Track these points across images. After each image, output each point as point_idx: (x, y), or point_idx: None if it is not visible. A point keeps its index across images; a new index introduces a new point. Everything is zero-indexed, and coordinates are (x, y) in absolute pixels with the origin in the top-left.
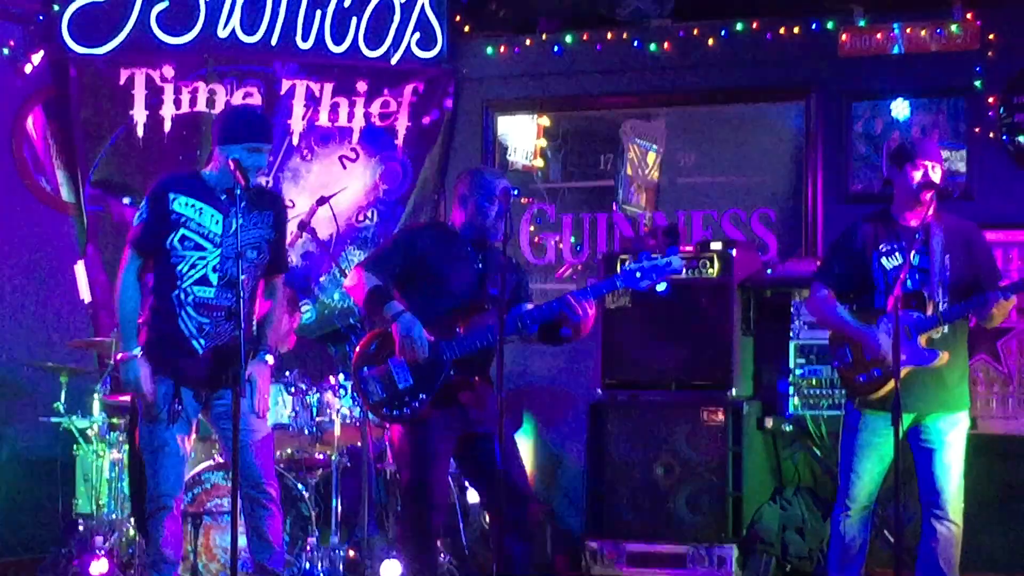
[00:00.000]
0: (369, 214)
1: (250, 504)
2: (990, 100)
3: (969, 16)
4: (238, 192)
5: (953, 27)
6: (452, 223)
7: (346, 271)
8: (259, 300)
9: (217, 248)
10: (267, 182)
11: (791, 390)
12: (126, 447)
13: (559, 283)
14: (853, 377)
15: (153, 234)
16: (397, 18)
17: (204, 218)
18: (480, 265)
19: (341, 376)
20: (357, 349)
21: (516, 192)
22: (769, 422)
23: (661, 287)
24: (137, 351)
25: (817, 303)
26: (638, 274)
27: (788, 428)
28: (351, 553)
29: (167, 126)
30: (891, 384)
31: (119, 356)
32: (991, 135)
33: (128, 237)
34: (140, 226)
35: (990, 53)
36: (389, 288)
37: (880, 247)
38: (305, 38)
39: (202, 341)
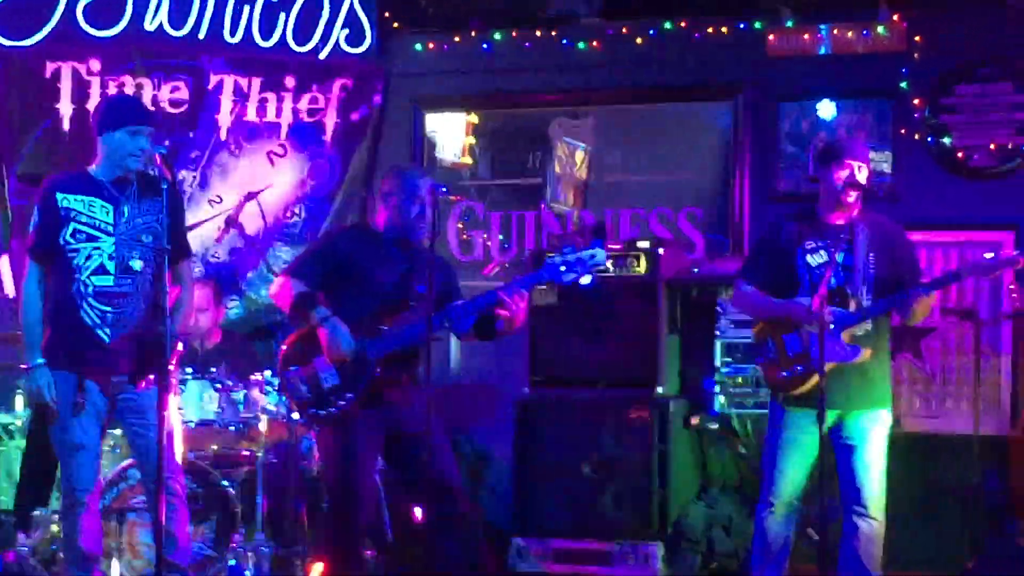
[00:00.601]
0: (297, 210)
1: (155, 500)
2: (916, 102)
3: (895, 18)
4: (132, 176)
5: (880, 29)
6: (375, 222)
7: (274, 267)
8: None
9: (111, 237)
10: (194, 177)
11: (717, 388)
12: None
13: (487, 280)
14: (776, 373)
15: (46, 235)
16: (326, 13)
17: (94, 210)
18: (405, 263)
19: (268, 372)
20: (283, 348)
21: (445, 190)
22: (695, 420)
23: (586, 280)
24: (40, 361)
25: (742, 295)
26: (563, 267)
27: (714, 426)
28: (278, 551)
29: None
30: (814, 380)
31: (22, 366)
32: (916, 137)
33: (26, 246)
34: (33, 232)
35: (916, 55)
36: (315, 292)
37: (805, 245)
38: (233, 32)
39: (108, 330)
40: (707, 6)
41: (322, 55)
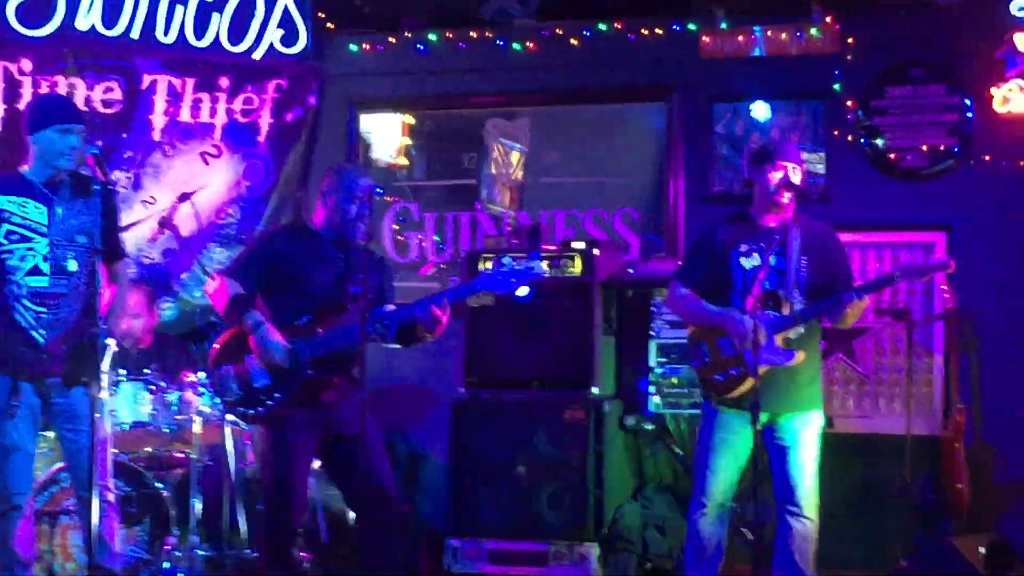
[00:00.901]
0: (231, 211)
1: (85, 505)
2: (849, 103)
3: (829, 20)
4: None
5: (813, 31)
6: (313, 221)
7: (208, 269)
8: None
9: (45, 238)
10: (128, 178)
11: (652, 389)
12: None
13: (422, 281)
14: (711, 376)
15: None
16: (260, 14)
17: (28, 211)
18: (342, 263)
19: (202, 374)
20: (216, 346)
21: (380, 190)
22: (630, 421)
23: (523, 292)
24: None
25: (677, 298)
26: (499, 278)
27: (649, 427)
28: (212, 553)
29: None
30: (748, 383)
31: None
32: (849, 138)
33: None
34: None
35: (849, 57)
36: (251, 295)
37: (739, 247)
38: (166, 32)
39: (43, 332)
40: (641, 8)
41: (256, 55)
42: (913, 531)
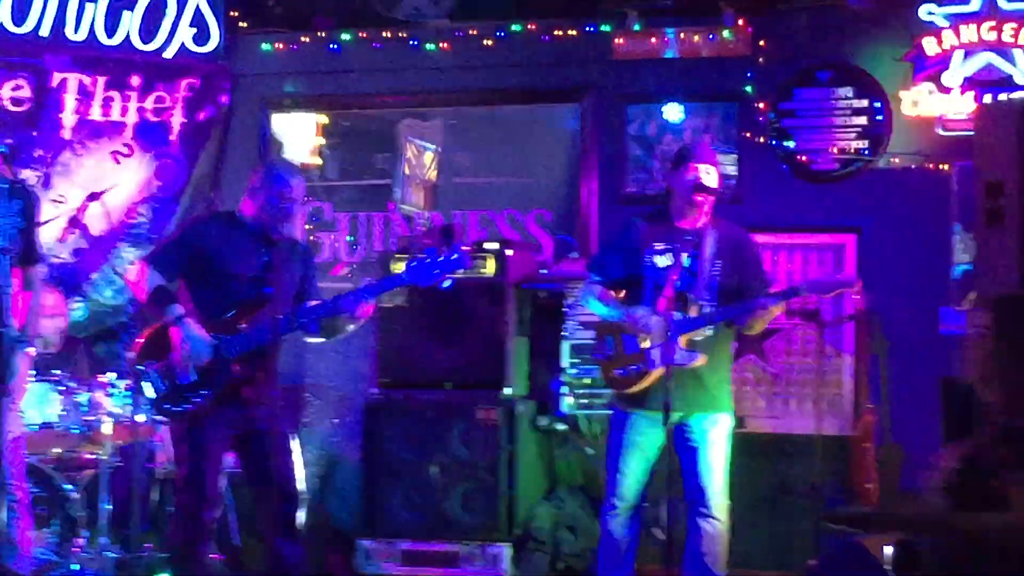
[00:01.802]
0: (142, 211)
1: None
2: (760, 105)
3: (741, 23)
4: None
5: (725, 33)
6: (241, 213)
7: (118, 268)
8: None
9: None
10: (38, 177)
11: (564, 389)
12: None
13: (335, 281)
14: (612, 371)
15: None
16: (172, 12)
17: None
18: (266, 258)
19: (112, 375)
20: (139, 342)
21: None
22: (543, 421)
23: (446, 283)
24: None
25: (588, 289)
26: (423, 270)
27: (561, 427)
28: (122, 555)
29: None
30: (647, 381)
31: None
32: (761, 140)
33: None
34: None
35: (761, 59)
36: (172, 287)
37: (654, 246)
38: (77, 30)
39: None
40: (555, 9)
41: (168, 54)
42: (822, 531)
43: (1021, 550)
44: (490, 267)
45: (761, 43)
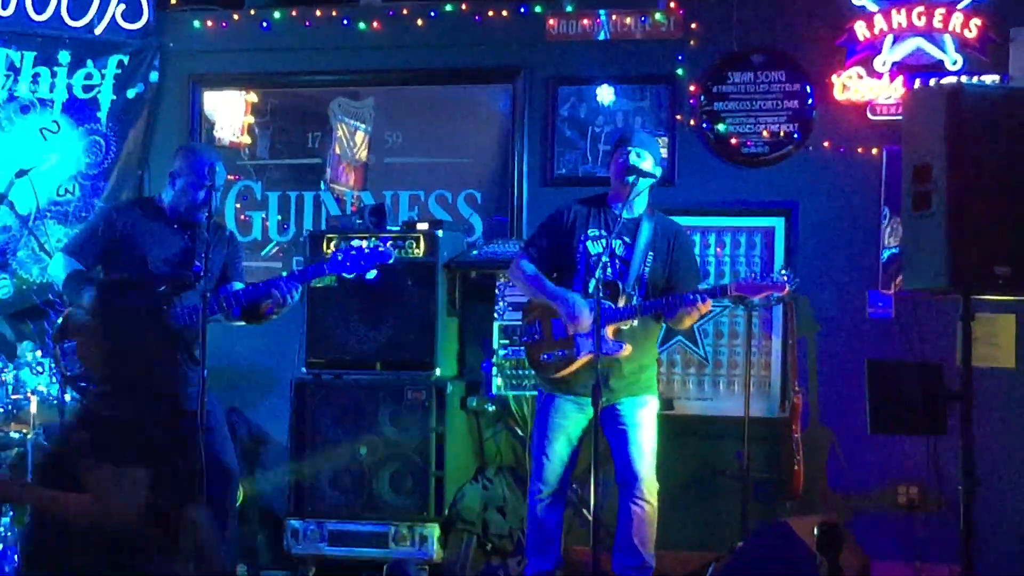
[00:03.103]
0: (71, 188)
1: None
2: (691, 88)
3: (673, 5)
4: None
5: (657, 15)
6: (160, 199)
7: (45, 246)
8: None
9: None
10: None
11: (495, 371)
12: None
13: (264, 261)
14: (538, 355)
15: None
16: None
17: None
18: (187, 242)
19: (38, 352)
20: (59, 321)
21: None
22: (473, 402)
23: (371, 275)
24: None
25: (518, 268)
26: (348, 262)
27: (491, 408)
28: None
29: None
30: (573, 367)
31: None
32: (692, 123)
33: None
34: None
35: (692, 42)
36: (91, 271)
37: (588, 231)
38: (5, 5)
39: None
40: None
41: (97, 30)
42: (749, 512)
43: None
44: (420, 248)
45: (693, 26)
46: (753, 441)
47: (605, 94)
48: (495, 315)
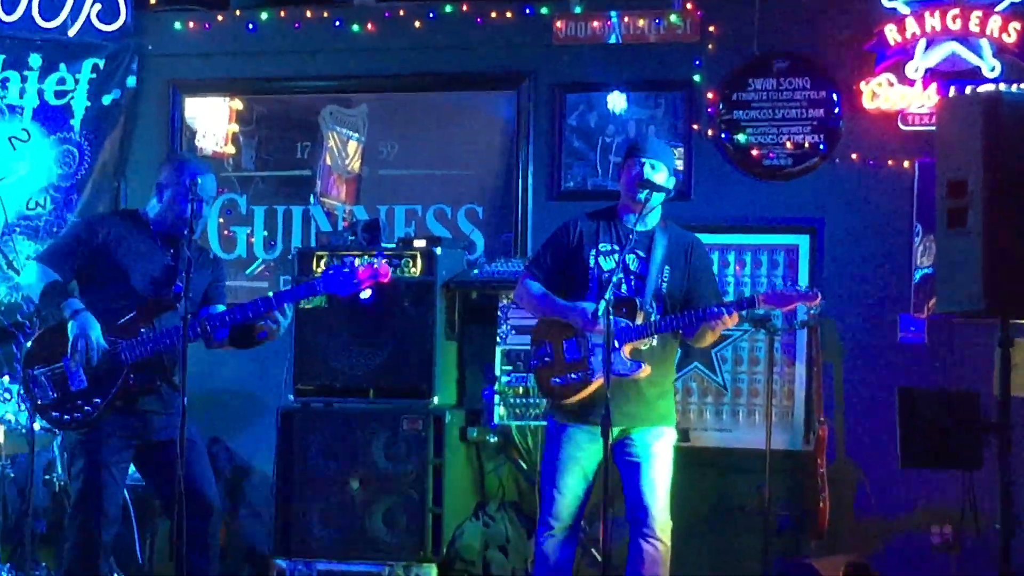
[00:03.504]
0: (41, 200)
1: None
2: (709, 95)
3: (689, 6)
4: None
5: (673, 17)
6: (145, 212)
7: (14, 263)
8: None
9: None
10: None
11: (497, 399)
12: None
13: (249, 280)
14: (549, 379)
15: None
16: None
17: None
18: (170, 260)
19: (6, 378)
20: (28, 345)
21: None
22: (473, 433)
23: (365, 294)
24: None
25: (526, 290)
26: (341, 280)
27: (493, 439)
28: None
29: None
30: (587, 391)
31: None
32: (710, 133)
33: None
34: None
35: (710, 46)
36: (68, 284)
37: (599, 246)
38: None
39: None
40: None
41: (71, 32)
42: (771, 551)
43: None
44: (417, 266)
45: (711, 29)
46: (775, 475)
47: (616, 102)
48: (498, 339)
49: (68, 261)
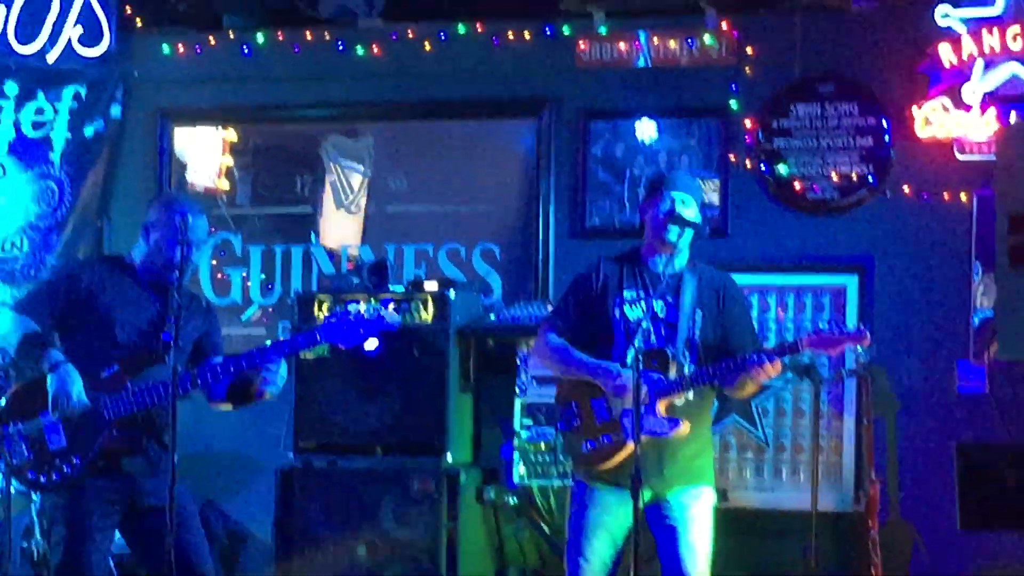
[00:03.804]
0: (18, 241)
1: None
2: (747, 123)
3: (725, 26)
4: None
5: (707, 38)
6: (131, 257)
7: None
8: None
9: None
10: None
11: (516, 456)
12: None
13: (245, 327)
14: (579, 444)
15: None
16: (56, 8)
17: None
18: (158, 308)
19: None
20: (2, 402)
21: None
22: (491, 493)
23: (371, 345)
24: None
25: (546, 348)
26: (344, 329)
27: (512, 500)
28: None
29: None
30: (622, 455)
31: None
32: (748, 163)
33: None
34: None
35: (748, 69)
36: (48, 334)
37: (623, 293)
38: None
39: None
40: (507, 8)
41: (50, 57)
42: None
43: None
44: (429, 312)
45: (749, 50)
46: (822, 539)
47: (645, 130)
48: (517, 390)
49: (48, 310)
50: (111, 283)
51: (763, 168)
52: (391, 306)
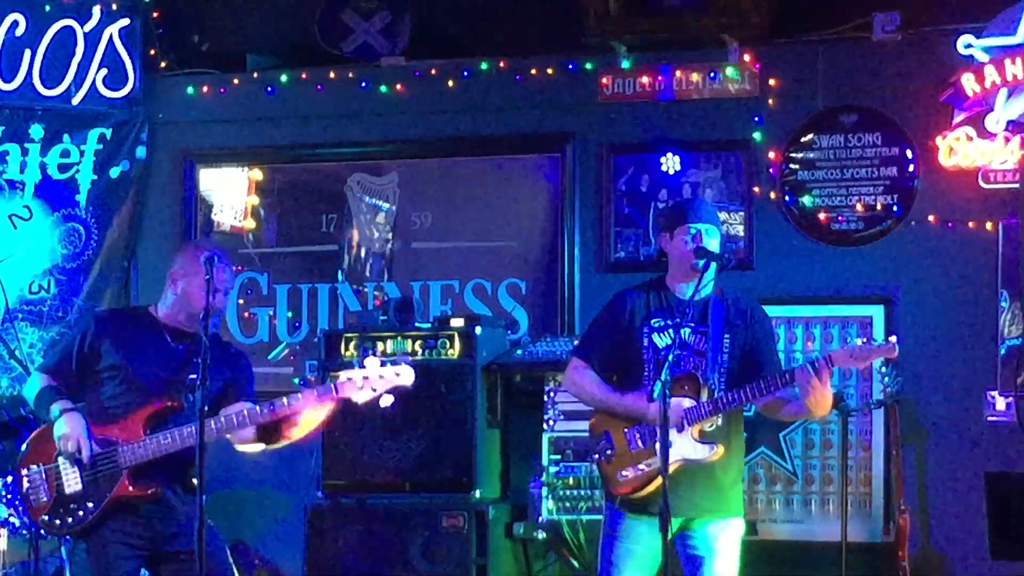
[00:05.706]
0: (45, 284)
1: None
2: (771, 155)
3: (747, 58)
4: None
5: (729, 70)
6: (156, 308)
7: (16, 352)
8: None
9: None
10: None
11: (545, 491)
12: None
13: (273, 366)
14: (615, 473)
15: None
16: (80, 50)
17: None
18: (182, 355)
19: (9, 478)
20: (24, 447)
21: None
22: (520, 529)
23: (386, 402)
24: None
25: (575, 377)
26: (360, 385)
27: (542, 536)
28: None
29: None
30: (657, 482)
31: None
32: (772, 195)
33: None
34: None
35: (771, 100)
36: (70, 386)
37: (651, 322)
38: None
39: None
40: (530, 44)
41: (75, 100)
42: None
43: None
44: (455, 348)
45: (772, 82)
46: (852, 570)
47: (669, 163)
48: (544, 425)
49: (69, 363)
50: (133, 333)
51: (787, 200)
52: (407, 363)
